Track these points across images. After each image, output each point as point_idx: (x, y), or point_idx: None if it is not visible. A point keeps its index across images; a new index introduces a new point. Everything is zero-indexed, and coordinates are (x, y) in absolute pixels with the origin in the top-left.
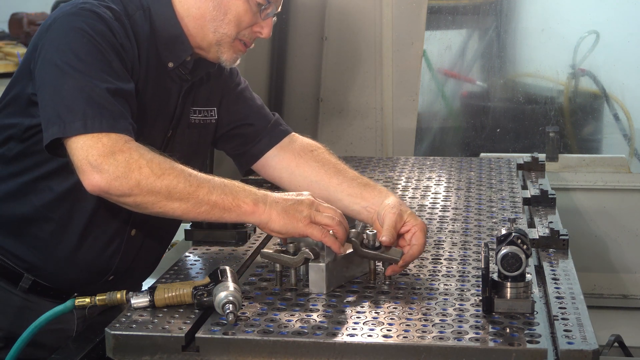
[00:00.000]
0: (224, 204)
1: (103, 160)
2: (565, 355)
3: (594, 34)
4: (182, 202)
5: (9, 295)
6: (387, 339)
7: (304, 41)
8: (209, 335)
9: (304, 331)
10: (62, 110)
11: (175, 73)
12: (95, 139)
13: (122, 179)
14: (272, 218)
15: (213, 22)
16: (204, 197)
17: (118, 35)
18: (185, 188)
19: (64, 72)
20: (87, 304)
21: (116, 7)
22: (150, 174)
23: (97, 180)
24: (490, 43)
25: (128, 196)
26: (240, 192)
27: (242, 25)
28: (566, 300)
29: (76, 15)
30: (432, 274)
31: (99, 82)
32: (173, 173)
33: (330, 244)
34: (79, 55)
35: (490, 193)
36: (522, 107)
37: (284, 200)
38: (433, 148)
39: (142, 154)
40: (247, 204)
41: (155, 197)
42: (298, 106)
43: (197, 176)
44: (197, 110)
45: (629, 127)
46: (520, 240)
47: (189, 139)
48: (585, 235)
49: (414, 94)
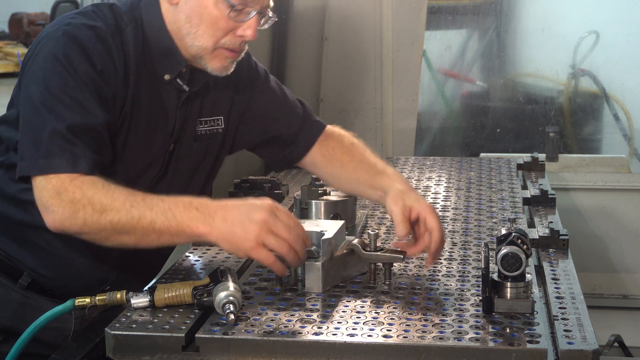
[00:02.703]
0: (170, 230)
1: (53, 202)
2: (565, 355)
3: (594, 34)
4: (130, 235)
5: (8, 291)
6: (387, 339)
7: (304, 41)
8: (209, 335)
9: (304, 331)
10: (28, 148)
11: (173, 85)
12: (46, 180)
13: (71, 219)
14: (218, 239)
15: (188, 35)
16: (149, 227)
17: (98, 59)
18: (128, 221)
19: (34, 107)
20: (87, 304)
21: (103, 25)
22: (92, 212)
23: (51, 220)
24: (490, 43)
25: (81, 234)
26: (185, 214)
27: (218, 34)
28: (566, 300)
29: (57, 40)
30: (432, 274)
31: (64, 117)
32: (114, 209)
33: (275, 270)
34: (49, 88)
35: (490, 193)
36: (522, 107)
37: (232, 218)
38: (433, 148)
39: (85, 192)
40: (191, 227)
41: (104, 233)
42: None
43: (138, 205)
44: (203, 120)
45: (629, 127)
46: (520, 240)
47: (196, 151)
48: (585, 235)
49: (414, 94)
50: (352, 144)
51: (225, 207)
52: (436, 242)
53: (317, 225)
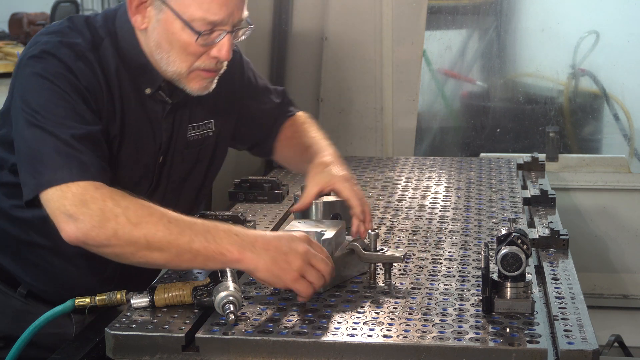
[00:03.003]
0: (207, 252)
1: (76, 210)
2: (565, 355)
3: (594, 34)
4: (163, 252)
5: (7, 298)
6: (387, 339)
7: (304, 41)
8: (209, 335)
9: (303, 331)
10: (30, 167)
11: (156, 97)
12: (64, 189)
13: (99, 229)
14: (258, 267)
15: (161, 60)
16: (186, 246)
17: (81, 77)
18: (165, 237)
19: (29, 125)
20: (87, 304)
21: (81, 41)
22: (126, 223)
23: (73, 230)
24: (490, 43)
25: (106, 246)
26: (225, 238)
27: (190, 59)
28: (566, 300)
29: (37, 60)
30: (432, 274)
31: (64, 129)
32: (151, 221)
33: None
34: (41, 104)
35: (490, 193)
36: (522, 107)
37: (275, 247)
38: (433, 148)
39: (117, 202)
40: (232, 252)
41: (134, 247)
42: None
43: (177, 222)
44: (194, 126)
45: (629, 127)
46: (520, 240)
47: (188, 157)
48: (585, 235)
49: (414, 94)
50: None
51: (264, 236)
52: (355, 210)
53: (317, 225)
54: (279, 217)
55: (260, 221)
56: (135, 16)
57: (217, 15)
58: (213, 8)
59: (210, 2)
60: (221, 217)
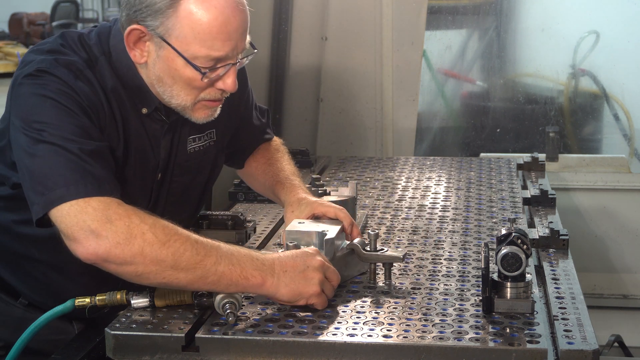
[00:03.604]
0: (231, 276)
1: (99, 226)
2: (565, 355)
3: (594, 34)
4: (189, 273)
5: (9, 307)
6: (387, 339)
7: (304, 41)
8: (209, 335)
9: (303, 331)
10: (40, 184)
11: (154, 116)
12: (83, 204)
13: (124, 246)
14: (279, 290)
15: (164, 93)
16: (212, 268)
17: (83, 95)
18: (192, 257)
19: (36, 141)
20: (87, 304)
21: (77, 59)
22: (154, 241)
23: (94, 247)
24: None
25: (129, 264)
26: (248, 262)
27: (195, 92)
28: (566, 300)
29: (34, 78)
30: (432, 274)
31: (73, 144)
32: (179, 240)
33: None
34: (46, 121)
35: (490, 193)
36: (522, 107)
37: (292, 267)
38: (433, 148)
39: (143, 219)
40: (255, 277)
41: (158, 267)
42: (298, 106)
43: (203, 244)
44: (195, 137)
45: (629, 127)
46: (520, 240)
47: (188, 169)
48: (585, 235)
49: (414, 94)
50: (277, 149)
51: (279, 258)
52: (345, 223)
53: (317, 225)
54: (278, 217)
55: (260, 221)
56: (133, 51)
57: (221, 51)
58: (216, 45)
59: (213, 39)
60: (221, 217)
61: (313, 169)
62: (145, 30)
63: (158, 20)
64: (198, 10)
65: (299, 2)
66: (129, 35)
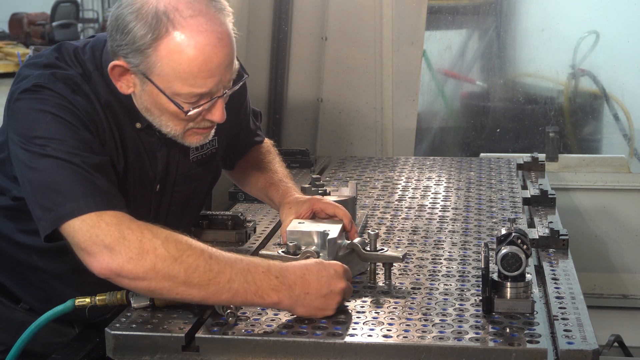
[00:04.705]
0: (246, 295)
1: (113, 241)
2: (565, 355)
3: (594, 34)
4: (201, 289)
5: (11, 311)
6: (387, 339)
7: (304, 41)
8: (209, 335)
9: (303, 331)
10: (46, 200)
11: (149, 130)
12: (96, 218)
13: (136, 261)
14: (296, 309)
15: (154, 122)
16: (225, 285)
17: (82, 110)
18: (205, 273)
19: (39, 156)
20: (87, 304)
21: (74, 73)
22: (166, 256)
23: (108, 262)
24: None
25: (142, 280)
26: (264, 281)
27: (183, 123)
28: (566, 300)
29: (32, 93)
30: (432, 274)
31: (78, 158)
32: (192, 255)
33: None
34: (47, 136)
35: (490, 193)
36: (522, 107)
37: (315, 290)
38: (433, 148)
39: (155, 233)
40: (271, 296)
41: (171, 283)
42: (298, 106)
43: (217, 259)
44: (198, 147)
45: (629, 127)
46: (520, 240)
47: (190, 179)
48: (585, 235)
49: (414, 94)
50: (268, 151)
51: (303, 277)
52: (345, 221)
53: (318, 225)
54: (278, 217)
55: (260, 221)
56: (119, 83)
57: (204, 88)
58: (198, 82)
59: (195, 78)
60: (221, 217)
61: (313, 169)
62: (127, 66)
63: (138, 59)
64: (177, 50)
65: (299, 2)
66: (113, 70)
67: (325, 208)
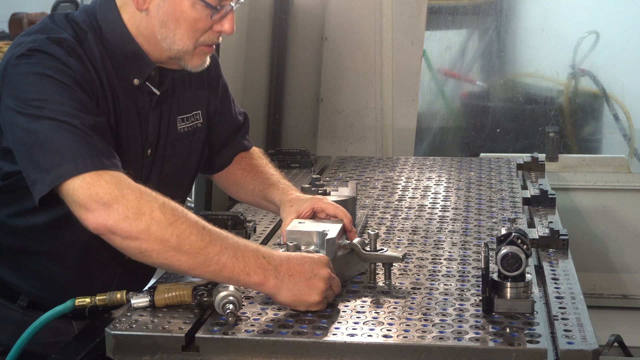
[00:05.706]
0: (233, 269)
1: (112, 199)
2: (565, 355)
3: (594, 34)
4: (191, 257)
5: (7, 311)
6: (387, 339)
7: (304, 41)
8: (209, 335)
9: (303, 331)
10: (44, 161)
11: (144, 88)
12: (96, 177)
13: (132, 220)
14: (280, 292)
15: (165, 40)
16: (214, 257)
17: (77, 71)
18: (197, 242)
19: (35, 118)
20: (87, 304)
21: (67, 36)
22: (162, 219)
23: (104, 218)
24: (490, 43)
25: (134, 239)
26: (253, 258)
27: (197, 35)
28: (566, 300)
29: (27, 58)
30: (432, 274)
31: (75, 119)
32: (187, 222)
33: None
34: (44, 98)
35: (490, 193)
36: (522, 107)
37: (298, 272)
38: (433, 148)
39: (155, 197)
40: (257, 274)
41: (162, 246)
42: (298, 106)
43: (210, 231)
44: (183, 118)
45: (628, 127)
46: (520, 240)
47: (179, 150)
48: (585, 235)
49: (414, 94)
50: (260, 157)
51: (288, 260)
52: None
53: (317, 225)
54: (278, 217)
55: (260, 221)
56: None
57: None
58: None
59: None
60: (221, 217)
61: (313, 169)
62: None
63: None
64: None
65: (299, 3)
66: None
67: (326, 208)
